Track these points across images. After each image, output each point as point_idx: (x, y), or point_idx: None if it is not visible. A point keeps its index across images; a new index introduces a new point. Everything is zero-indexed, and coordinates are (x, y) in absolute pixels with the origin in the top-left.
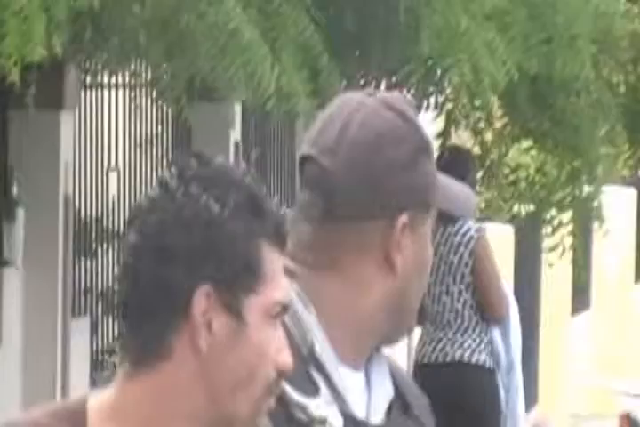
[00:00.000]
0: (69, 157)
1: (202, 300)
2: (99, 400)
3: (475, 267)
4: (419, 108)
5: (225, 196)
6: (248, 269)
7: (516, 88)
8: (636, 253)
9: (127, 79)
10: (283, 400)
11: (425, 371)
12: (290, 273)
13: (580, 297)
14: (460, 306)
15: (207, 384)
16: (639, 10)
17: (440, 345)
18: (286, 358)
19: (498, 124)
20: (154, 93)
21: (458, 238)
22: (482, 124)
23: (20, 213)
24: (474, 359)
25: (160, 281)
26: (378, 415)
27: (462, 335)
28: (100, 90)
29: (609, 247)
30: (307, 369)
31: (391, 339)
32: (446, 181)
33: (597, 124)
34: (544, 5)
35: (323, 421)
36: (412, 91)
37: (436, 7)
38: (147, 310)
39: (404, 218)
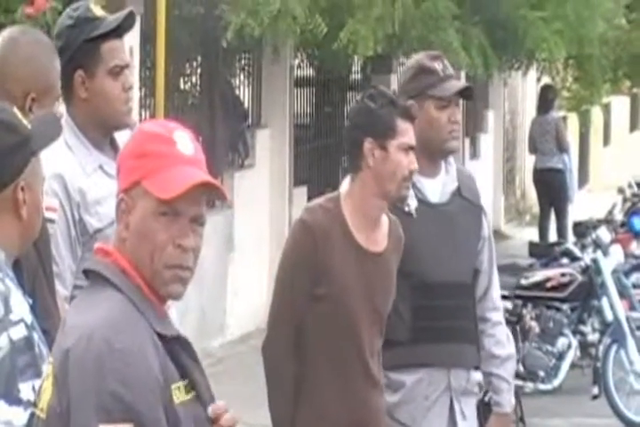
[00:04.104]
0: None
1: (367, 145)
2: (343, 190)
3: (557, 130)
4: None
5: (377, 100)
6: (390, 129)
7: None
8: None
9: None
10: None
11: (538, 172)
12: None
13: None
14: (551, 143)
15: (378, 179)
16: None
17: (545, 159)
18: (413, 166)
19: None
20: None
21: (548, 120)
22: (555, 73)
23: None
24: (557, 166)
25: (352, 137)
26: (444, 199)
27: (552, 157)
28: None
29: None
30: None
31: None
32: None
33: (606, 71)
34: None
35: (408, 204)
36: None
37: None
38: (349, 149)
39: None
